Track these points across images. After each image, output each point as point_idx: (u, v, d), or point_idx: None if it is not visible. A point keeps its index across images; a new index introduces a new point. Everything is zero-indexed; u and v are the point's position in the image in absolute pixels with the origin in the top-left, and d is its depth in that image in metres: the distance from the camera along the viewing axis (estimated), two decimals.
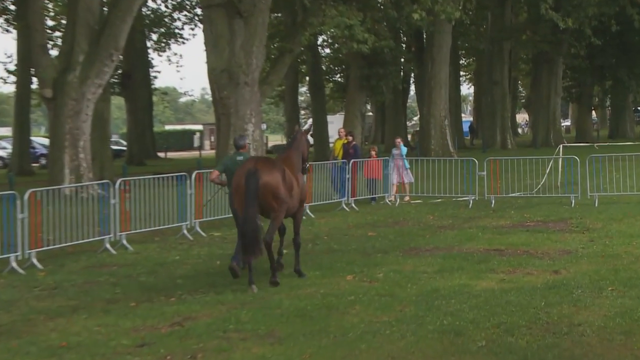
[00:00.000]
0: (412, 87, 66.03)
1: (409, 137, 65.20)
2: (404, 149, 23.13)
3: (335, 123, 61.81)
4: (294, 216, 11.82)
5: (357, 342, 7.92)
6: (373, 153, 22.97)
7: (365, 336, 8.11)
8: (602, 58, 56.71)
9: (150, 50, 54.27)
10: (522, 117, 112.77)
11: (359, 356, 7.49)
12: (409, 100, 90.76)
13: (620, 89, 60.30)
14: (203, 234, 16.54)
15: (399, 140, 23.64)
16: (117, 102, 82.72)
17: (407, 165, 22.65)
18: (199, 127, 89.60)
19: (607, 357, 7.16)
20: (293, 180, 11.40)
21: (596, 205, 19.23)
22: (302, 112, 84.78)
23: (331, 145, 22.90)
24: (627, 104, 64.18)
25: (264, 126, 50.97)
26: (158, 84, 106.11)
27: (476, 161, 21.44)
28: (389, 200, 21.68)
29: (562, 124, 73.45)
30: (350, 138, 22.78)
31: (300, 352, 7.65)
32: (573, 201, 19.67)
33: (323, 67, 60.12)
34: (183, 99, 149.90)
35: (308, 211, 19.60)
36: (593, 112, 74.87)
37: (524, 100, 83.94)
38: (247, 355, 7.66)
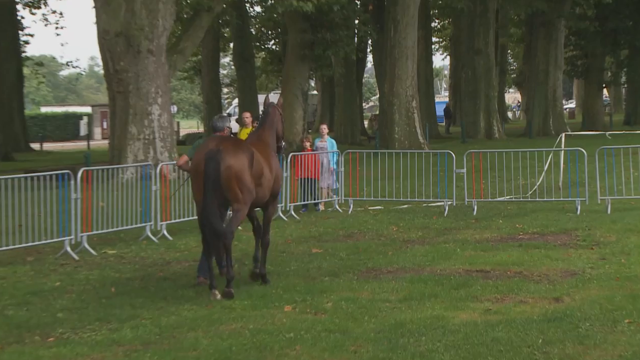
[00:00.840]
0: (370, 58, 66.41)
1: (366, 123, 65.62)
2: (332, 142, 22.88)
3: None
4: (264, 209, 12.68)
5: None
6: (307, 145, 22.93)
7: None
8: (615, 20, 57.66)
9: (19, 7, 53.54)
10: (512, 98, 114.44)
11: None
12: (365, 75, 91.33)
13: None
14: (92, 251, 16.38)
15: (324, 126, 23.41)
16: None
17: (335, 164, 22.40)
18: (87, 109, 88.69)
19: None
20: (263, 166, 12.28)
21: (609, 212, 19.59)
22: (225, 90, 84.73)
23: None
24: None
25: (174, 109, 50.75)
26: (30, 51, 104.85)
27: (454, 155, 21.65)
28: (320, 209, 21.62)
29: (565, 107, 74.90)
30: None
31: None
32: (579, 207, 20.01)
33: (252, 30, 60.10)
34: (65, 72, 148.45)
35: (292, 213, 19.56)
36: (604, 90, 76.25)
37: (515, 76, 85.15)
38: None
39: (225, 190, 11.75)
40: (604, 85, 67.32)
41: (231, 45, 59.26)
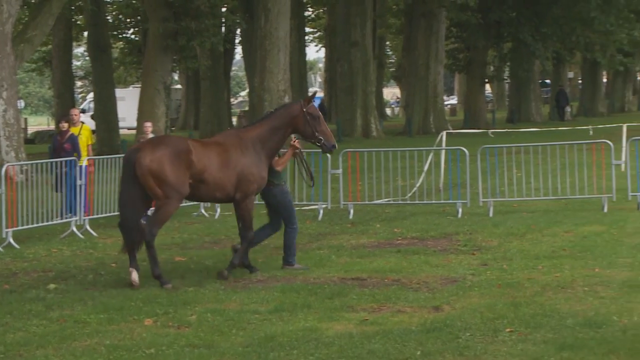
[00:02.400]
0: (239, 50, 66.37)
1: (234, 120, 65.49)
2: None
3: (127, 99, 61.24)
4: (235, 206, 14.03)
5: None
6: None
7: None
8: (498, 12, 58.87)
9: None
10: (391, 93, 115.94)
11: None
12: (234, 68, 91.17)
13: (523, 55, 62.77)
14: None
15: (148, 125, 22.24)
16: None
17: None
18: None
19: None
20: (211, 163, 13.43)
21: (491, 215, 20.03)
22: (79, 83, 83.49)
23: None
24: (532, 75, 66.95)
25: (20, 104, 49.70)
26: None
27: (328, 154, 21.80)
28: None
29: (446, 103, 76.28)
30: (65, 125, 21.13)
31: None
32: (460, 210, 20.40)
33: (109, 18, 59.39)
34: None
35: (89, 228, 19.34)
36: (487, 86, 77.92)
37: (393, 70, 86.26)
38: None
39: (144, 186, 13.30)
40: (486, 80, 68.73)
41: (85, 34, 58.36)
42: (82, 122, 21.84)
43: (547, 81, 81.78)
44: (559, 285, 12.54)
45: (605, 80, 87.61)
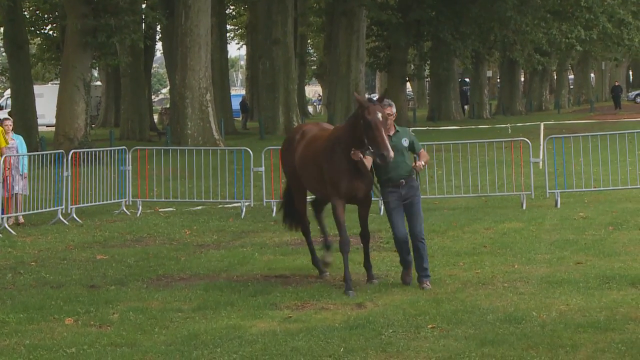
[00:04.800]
0: (159, 46, 65.99)
1: (156, 117, 65.17)
2: (20, 140, 21.12)
3: (46, 96, 60.54)
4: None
5: None
6: None
7: None
8: (418, 11, 59.36)
9: None
10: (313, 91, 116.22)
11: None
12: (154, 65, 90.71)
13: (443, 54, 63.36)
14: None
15: (9, 122, 20.97)
16: None
17: (25, 168, 20.41)
18: None
19: None
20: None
21: None
22: None
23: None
24: (451, 73, 67.66)
25: None
26: None
27: (251, 152, 21.82)
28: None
29: None
30: None
31: None
32: (382, 208, 20.54)
33: (26, 13, 58.59)
34: None
35: (7, 226, 19.09)
36: (408, 84, 78.55)
37: (315, 67, 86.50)
38: None
39: None
40: (407, 78, 69.26)
41: (1, 29, 57.54)
42: None
43: (467, 79, 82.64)
44: (479, 282, 12.70)
45: (523, 79, 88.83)
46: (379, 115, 12.56)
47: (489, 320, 10.50)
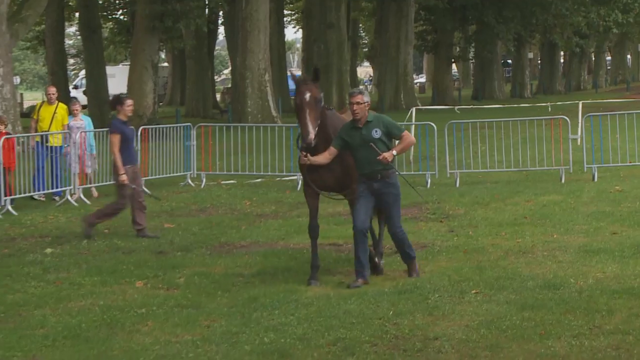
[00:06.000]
0: (222, 30, 66.06)
1: (218, 96, 65.36)
2: (88, 120, 20.78)
3: (117, 76, 60.85)
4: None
5: None
6: (1, 128, 19.14)
7: None
8: None
9: None
10: (364, 71, 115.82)
11: None
12: (217, 48, 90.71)
13: (487, 37, 62.95)
14: None
15: (77, 106, 20.33)
16: None
17: (93, 146, 20.25)
18: None
19: None
20: None
21: (457, 185, 20.12)
22: (72, 60, 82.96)
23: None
24: (494, 55, 67.15)
25: (16, 80, 49.42)
26: None
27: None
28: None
29: (416, 81, 76.31)
30: None
31: None
32: (429, 180, 20.48)
33: (99, 0, 58.89)
34: None
35: (82, 196, 19.30)
36: (453, 65, 78.04)
37: (367, 50, 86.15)
38: None
39: None
40: (453, 60, 68.82)
41: (77, 14, 57.93)
42: (59, 101, 20.96)
43: (509, 61, 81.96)
44: (520, 251, 12.63)
45: (562, 60, 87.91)
46: (307, 95, 11.01)
47: (529, 286, 10.45)
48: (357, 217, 10.98)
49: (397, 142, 11.60)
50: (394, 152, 10.90)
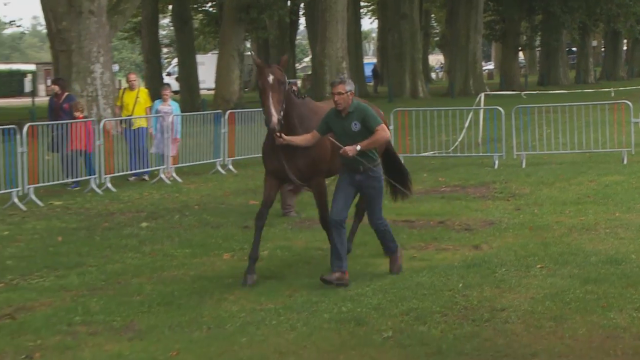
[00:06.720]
0: (302, 21, 66.16)
1: (299, 82, 65.43)
2: (176, 105, 20.54)
3: (207, 64, 61.37)
4: None
5: (237, 334, 8.00)
6: (79, 115, 18.85)
7: (247, 327, 8.20)
8: None
9: None
10: (436, 59, 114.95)
11: (239, 352, 7.57)
12: (298, 37, 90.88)
13: (553, 26, 62.04)
14: (39, 202, 16.22)
15: (166, 92, 20.29)
16: None
17: (179, 130, 20.03)
18: (31, 67, 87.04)
19: (535, 348, 7.48)
20: None
21: (523, 166, 19.89)
22: (165, 50, 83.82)
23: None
24: (560, 44, 66.18)
25: (115, 67, 50.13)
26: None
27: (382, 113, 21.70)
28: (167, 177, 19.38)
29: (484, 68, 75.48)
30: (56, 88, 19.68)
31: (166, 348, 7.67)
32: (497, 162, 20.28)
33: None
34: (8, 31, 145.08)
35: (174, 175, 19.52)
36: (520, 53, 77.12)
37: (438, 39, 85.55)
38: (99, 354, 7.63)
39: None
40: (519, 48, 68.03)
41: (170, 7, 58.52)
42: (140, 86, 21.10)
43: (574, 49, 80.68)
44: (583, 228, 12.45)
45: (625, 48, 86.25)
46: (270, 78, 9.73)
47: (592, 261, 10.30)
48: (334, 207, 9.83)
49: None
50: (358, 147, 9.54)
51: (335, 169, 10.44)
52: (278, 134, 9.63)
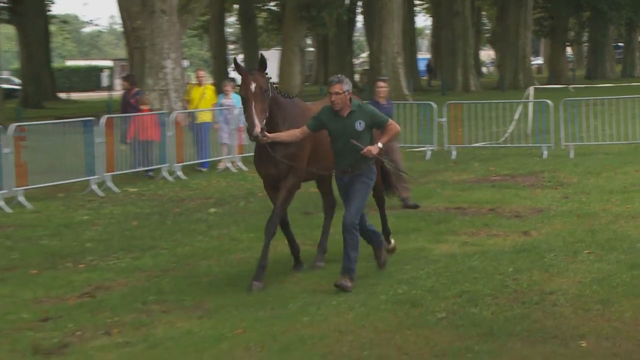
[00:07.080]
0: (360, 18, 66.00)
1: (357, 76, 65.39)
2: (237, 98, 19.78)
3: (270, 60, 61.39)
4: None
5: (299, 314, 8.04)
6: (144, 107, 19.09)
7: (308, 308, 8.24)
8: None
9: None
10: (487, 55, 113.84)
11: (300, 330, 7.60)
12: (356, 34, 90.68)
13: (600, 22, 61.12)
14: (116, 189, 16.45)
15: (227, 87, 20.18)
16: (7, 32, 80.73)
17: (241, 123, 19.27)
18: (108, 63, 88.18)
19: (583, 330, 7.41)
20: None
21: (571, 156, 19.66)
22: (231, 46, 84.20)
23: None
24: (607, 39, 65.16)
25: (185, 63, 50.50)
26: (56, 10, 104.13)
27: (435, 106, 21.64)
28: (233, 166, 19.55)
29: (533, 63, 74.56)
30: (125, 84, 19.92)
31: (233, 326, 7.74)
32: (545, 152, 20.07)
33: None
34: (87, 30, 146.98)
35: (240, 163, 19.63)
36: (568, 48, 76.02)
37: (489, 35, 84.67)
38: (171, 331, 7.72)
39: None
40: (567, 43, 67.14)
41: (235, 6, 58.83)
42: (207, 83, 21.01)
43: (620, 44, 79.31)
44: (629, 215, 12.27)
45: None
46: (252, 86, 9.12)
47: (638, 247, 10.15)
48: (346, 211, 9.22)
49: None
50: (380, 144, 9.01)
51: (311, 174, 9.91)
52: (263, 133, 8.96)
